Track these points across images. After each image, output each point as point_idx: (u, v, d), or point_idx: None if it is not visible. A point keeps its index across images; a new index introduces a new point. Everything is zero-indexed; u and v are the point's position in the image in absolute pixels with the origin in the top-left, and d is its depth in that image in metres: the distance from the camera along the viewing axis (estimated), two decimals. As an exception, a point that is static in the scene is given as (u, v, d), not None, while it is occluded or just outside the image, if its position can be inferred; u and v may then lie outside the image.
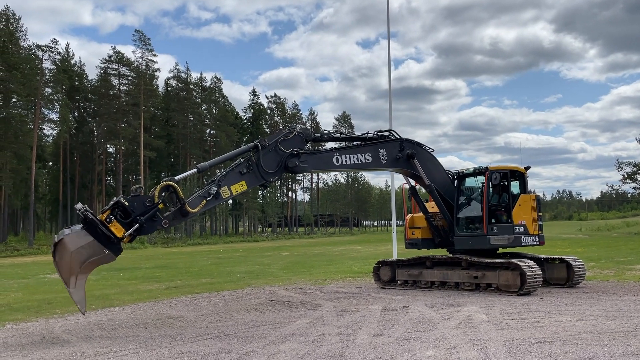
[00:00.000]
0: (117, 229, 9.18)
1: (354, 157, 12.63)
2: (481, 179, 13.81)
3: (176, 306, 12.60)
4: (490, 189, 13.56)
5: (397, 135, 13.62)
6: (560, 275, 13.62)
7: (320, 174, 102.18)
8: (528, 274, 11.96)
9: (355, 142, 13.37)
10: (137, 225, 9.29)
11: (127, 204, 9.30)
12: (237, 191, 10.73)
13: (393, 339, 7.96)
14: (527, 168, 14.38)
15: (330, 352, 7.32)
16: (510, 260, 12.59)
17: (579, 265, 13.52)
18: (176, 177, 10.13)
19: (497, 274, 12.61)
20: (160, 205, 9.51)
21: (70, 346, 8.48)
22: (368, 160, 12.84)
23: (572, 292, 12.65)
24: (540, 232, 13.82)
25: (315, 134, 12.58)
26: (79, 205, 9.20)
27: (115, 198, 9.60)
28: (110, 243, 9.19)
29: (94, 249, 9.05)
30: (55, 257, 9.02)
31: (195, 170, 10.65)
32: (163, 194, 9.59)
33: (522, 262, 12.23)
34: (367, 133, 13.43)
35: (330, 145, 13.86)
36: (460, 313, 10.00)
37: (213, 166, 11.15)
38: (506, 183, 13.85)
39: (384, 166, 13.26)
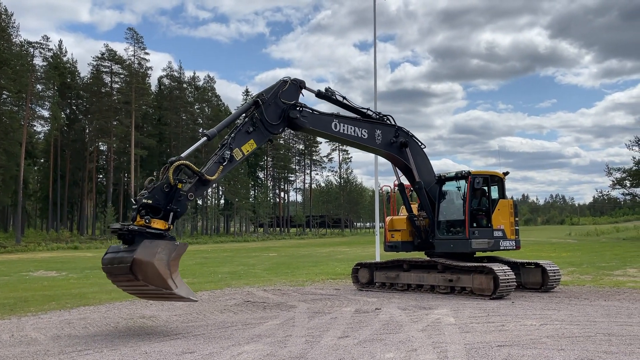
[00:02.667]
0: (160, 224, 9.25)
1: (351, 128, 12.97)
2: (463, 182, 13.88)
3: (151, 306, 12.60)
4: (472, 193, 13.65)
5: (393, 122, 13.98)
6: (535, 280, 13.73)
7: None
8: (501, 278, 12.06)
9: (354, 116, 13.64)
10: (172, 214, 9.41)
11: (151, 202, 9.26)
12: (247, 151, 10.94)
13: (357, 341, 8.02)
14: (505, 174, 14.50)
15: (292, 353, 7.37)
16: (484, 264, 12.68)
17: (553, 270, 13.63)
18: (183, 154, 10.19)
19: (471, 278, 12.70)
20: (179, 185, 9.50)
21: (37, 344, 8.48)
22: (364, 136, 13.22)
23: (545, 296, 12.75)
24: (517, 236, 13.95)
25: (319, 89, 13.01)
26: (116, 225, 9.24)
27: (134, 200, 9.59)
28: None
29: (167, 246, 9.04)
30: (138, 278, 8.78)
31: (204, 139, 10.65)
32: (177, 174, 9.57)
33: (496, 266, 12.33)
34: (368, 109, 13.81)
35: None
36: (430, 316, 10.07)
37: (220, 130, 11.16)
38: (486, 188, 13.96)
39: (377, 147, 13.59)
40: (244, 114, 11.41)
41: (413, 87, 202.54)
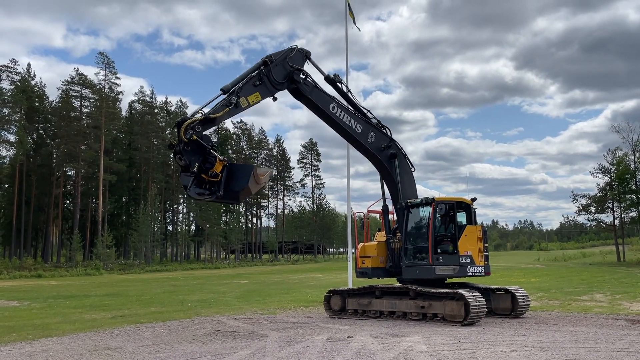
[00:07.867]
0: (218, 167, 10.81)
1: (347, 117, 13.47)
2: (428, 209, 14.01)
3: (117, 336, 12.22)
4: (437, 219, 13.79)
5: (390, 134, 14.57)
6: (505, 306, 13.85)
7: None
8: (472, 304, 12.13)
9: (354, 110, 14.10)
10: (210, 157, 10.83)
11: (197, 167, 10.73)
12: (253, 101, 11.84)
13: (329, 371, 7.90)
14: (473, 200, 14.69)
15: (262, 384, 7.21)
16: (455, 290, 12.75)
17: (523, 295, 13.78)
18: (205, 110, 11.07)
19: (442, 304, 12.74)
20: (194, 137, 10.60)
21: (-6, 379, 8.10)
22: (358, 130, 13.67)
23: (514, 322, 12.86)
24: (486, 262, 14.07)
25: (328, 74, 13.62)
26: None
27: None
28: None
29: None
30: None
31: (220, 92, 11.51)
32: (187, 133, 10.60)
33: (467, 293, 12.41)
34: (369, 111, 14.34)
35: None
36: (402, 343, 10.03)
37: (235, 86, 11.75)
38: (452, 214, 14.11)
39: (368, 146, 13.95)
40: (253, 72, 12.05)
41: (385, 114, 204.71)
